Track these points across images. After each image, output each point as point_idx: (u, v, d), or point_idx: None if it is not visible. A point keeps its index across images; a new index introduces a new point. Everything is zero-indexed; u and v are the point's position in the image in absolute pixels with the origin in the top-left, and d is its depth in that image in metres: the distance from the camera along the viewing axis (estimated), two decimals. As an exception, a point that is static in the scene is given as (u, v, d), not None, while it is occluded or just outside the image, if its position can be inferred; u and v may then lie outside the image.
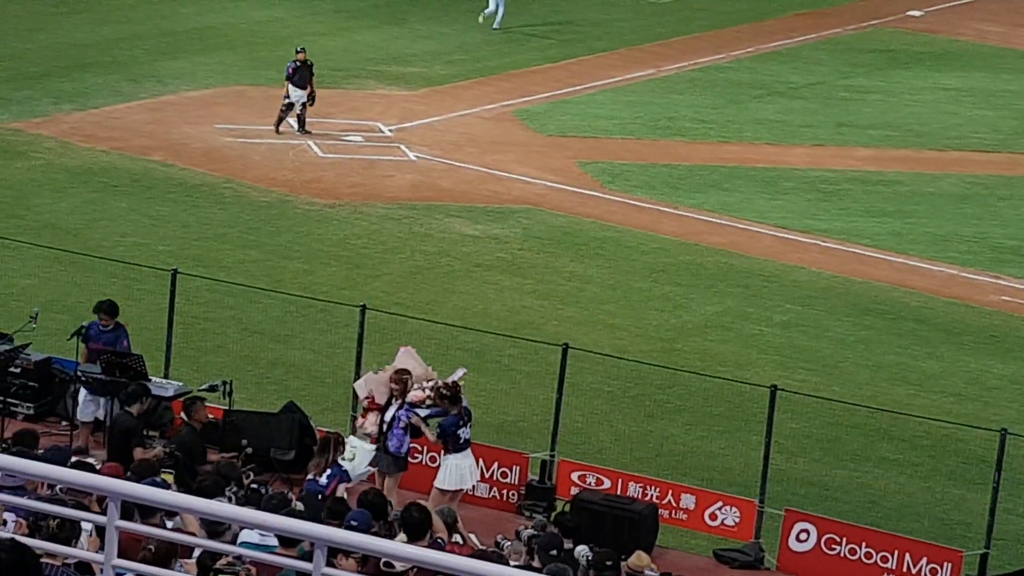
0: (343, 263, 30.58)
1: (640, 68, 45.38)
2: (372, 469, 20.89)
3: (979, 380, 27.83)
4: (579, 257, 31.88)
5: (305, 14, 48.42)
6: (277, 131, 36.95)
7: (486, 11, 48.37)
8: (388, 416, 20.83)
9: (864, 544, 21.44)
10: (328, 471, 19.79)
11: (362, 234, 32.12)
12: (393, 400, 20.91)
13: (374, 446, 20.82)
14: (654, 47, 47.81)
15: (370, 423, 21.00)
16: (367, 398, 21.10)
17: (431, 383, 20.98)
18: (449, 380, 21.00)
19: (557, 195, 35.14)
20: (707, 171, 37.42)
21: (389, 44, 45.93)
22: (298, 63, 36.95)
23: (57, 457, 15.97)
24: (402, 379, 20.84)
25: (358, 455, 20.75)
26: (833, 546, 21.54)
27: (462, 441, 20.88)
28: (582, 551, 18.09)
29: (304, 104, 36.90)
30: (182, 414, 21.46)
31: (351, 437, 21.00)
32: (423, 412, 20.86)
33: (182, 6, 48.07)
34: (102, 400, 21.80)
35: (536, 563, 16.91)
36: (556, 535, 17.56)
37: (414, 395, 20.87)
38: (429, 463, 22.11)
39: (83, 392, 22.14)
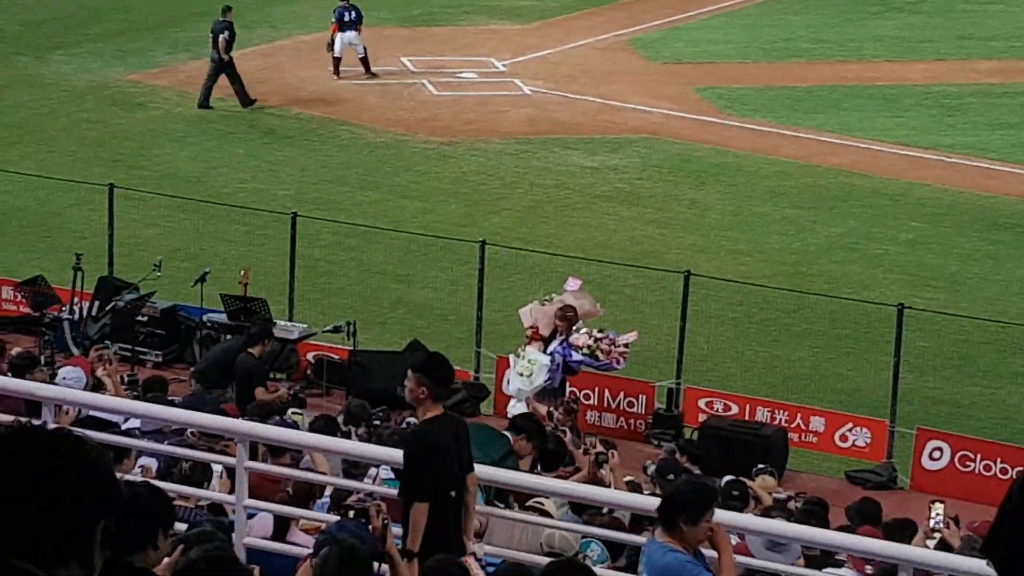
0: (461, 200, 30.55)
1: (754, -10, 44.82)
2: (548, 381, 20.66)
3: (1112, 290, 27.27)
4: (698, 184, 31.61)
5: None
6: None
7: None
8: (549, 350, 20.68)
9: (999, 460, 21.09)
10: None
11: (479, 170, 32.07)
12: (557, 335, 20.77)
13: (549, 358, 20.55)
14: (767, -32, 47.14)
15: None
16: (531, 327, 20.90)
17: (604, 336, 20.69)
18: (620, 340, 20.74)
19: (674, 123, 34.84)
20: (826, 91, 36.91)
21: (500, -21, 45.70)
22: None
23: (193, 403, 16.11)
24: (567, 316, 20.57)
25: (536, 369, 20.52)
26: (967, 463, 21.24)
27: None
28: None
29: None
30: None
31: (528, 348, 20.67)
32: (577, 357, 20.63)
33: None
34: None
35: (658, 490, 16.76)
36: (673, 459, 17.41)
37: (577, 339, 20.66)
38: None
39: None
